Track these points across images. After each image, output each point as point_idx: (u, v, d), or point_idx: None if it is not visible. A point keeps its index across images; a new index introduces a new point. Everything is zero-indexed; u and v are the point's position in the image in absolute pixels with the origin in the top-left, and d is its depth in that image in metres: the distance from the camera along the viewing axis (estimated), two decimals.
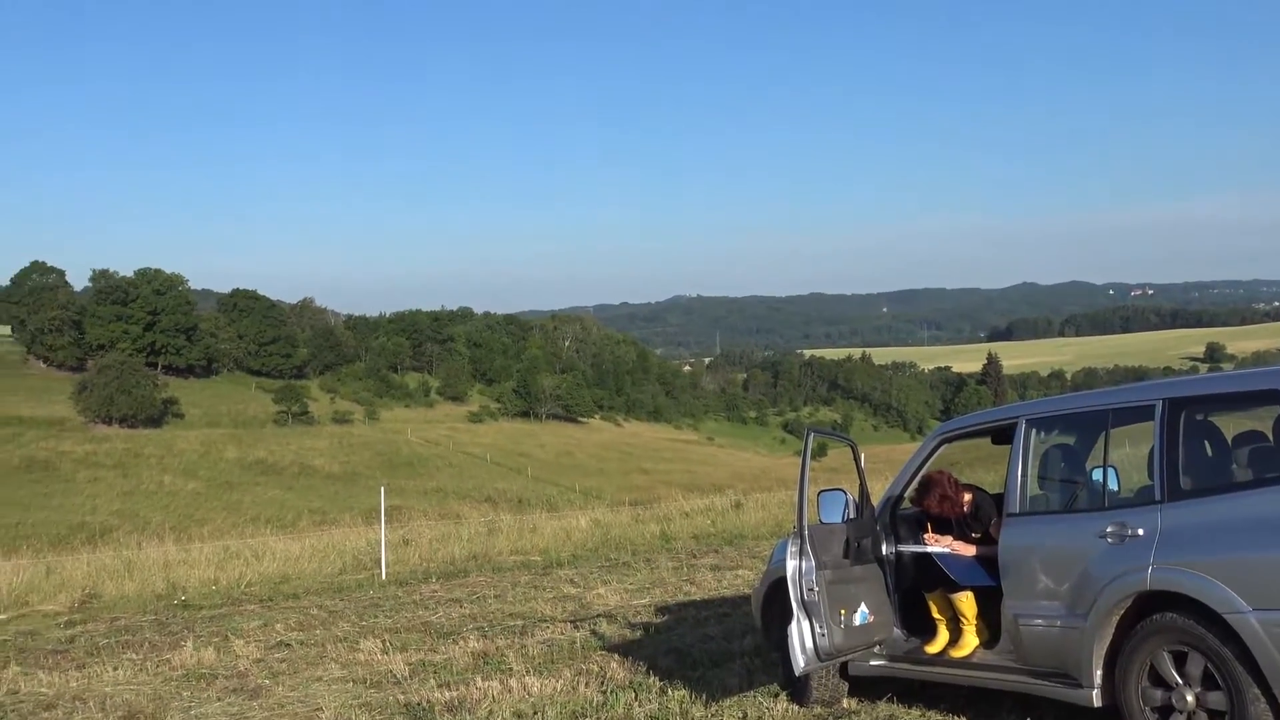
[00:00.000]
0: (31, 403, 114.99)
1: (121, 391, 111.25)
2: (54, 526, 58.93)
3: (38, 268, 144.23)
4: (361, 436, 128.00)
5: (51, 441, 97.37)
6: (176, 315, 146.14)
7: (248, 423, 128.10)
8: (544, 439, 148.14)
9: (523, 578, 15.17)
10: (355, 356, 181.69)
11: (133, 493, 78.57)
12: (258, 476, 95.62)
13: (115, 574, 16.66)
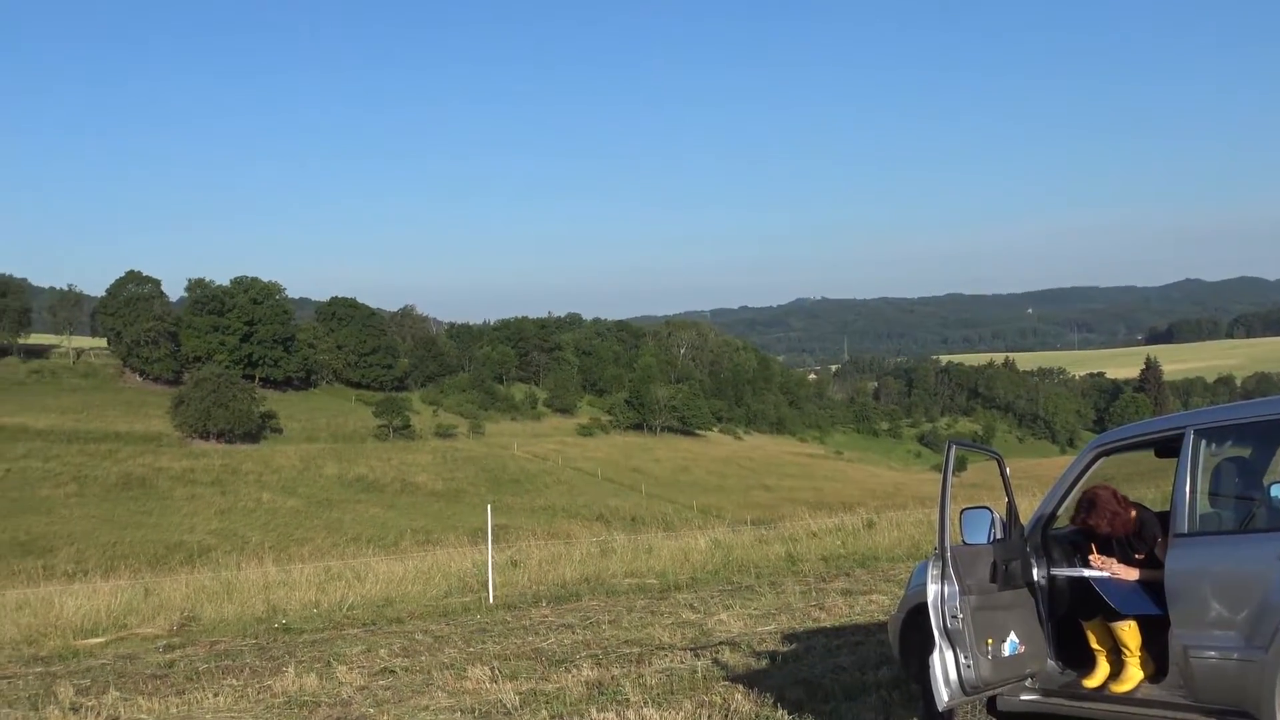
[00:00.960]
0: (128, 417, 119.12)
1: (218, 405, 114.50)
2: (151, 546, 60.95)
3: (133, 277, 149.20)
4: (465, 451, 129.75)
5: (148, 458, 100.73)
6: (274, 325, 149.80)
7: (347, 437, 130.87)
8: (659, 453, 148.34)
9: (638, 602, 15.19)
10: (458, 367, 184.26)
11: (230, 510, 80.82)
12: (358, 494, 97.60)
13: (214, 596, 17.13)
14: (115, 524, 70.52)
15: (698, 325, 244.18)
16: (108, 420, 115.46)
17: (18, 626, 15.20)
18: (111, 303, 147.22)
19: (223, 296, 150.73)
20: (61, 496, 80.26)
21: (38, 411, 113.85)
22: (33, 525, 66.94)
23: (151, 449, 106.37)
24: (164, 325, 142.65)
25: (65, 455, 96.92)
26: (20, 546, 60.05)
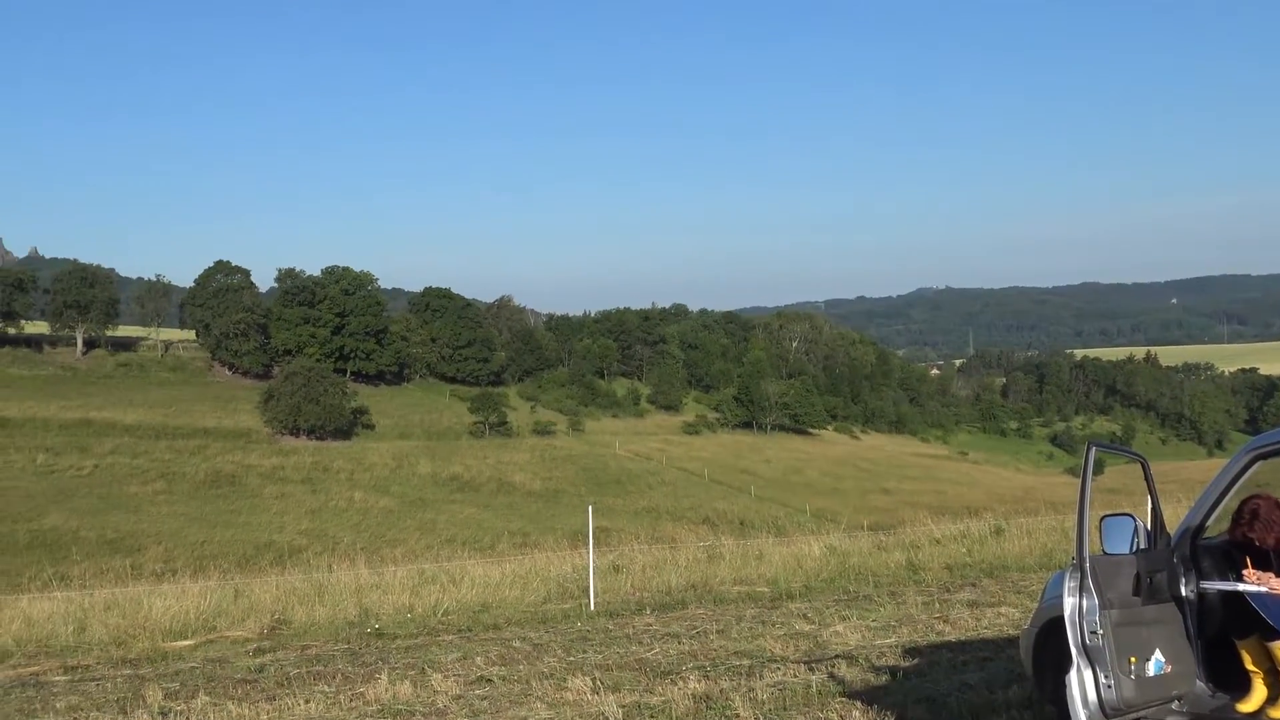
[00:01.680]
0: (217, 413, 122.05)
1: (309, 400, 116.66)
2: (240, 546, 62.36)
3: (222, 267, 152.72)
4: (565, 450, 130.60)
5: (237, 455, 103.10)
6: (366, 317, 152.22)
7: (441, 434, 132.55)
8: (769, 453, 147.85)
9: (748, 611, 15.15)
10: (557, 361, 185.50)
11: (321, 510, 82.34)
12: (453, 493, 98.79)
13: (305, 598, 17.45)
14: (204, 522, 72.30)
15: (811, 317, 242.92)
16: (196, 415, 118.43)
17: (106, 627, 15.65)
18: (200, 294, 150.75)
19: (313, 287, 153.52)
20: (149, 494, 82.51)
21: (125, 406, 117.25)
22: (121, 523, 68.91)
23: (240, 446, 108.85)
24: (253, 317, 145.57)
25: (153, 451, 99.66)
26: (108, 545, 61.85)
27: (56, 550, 59.14)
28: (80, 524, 66.93)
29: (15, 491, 76.54)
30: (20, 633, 15.33)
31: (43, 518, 67.68)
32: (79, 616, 16.23)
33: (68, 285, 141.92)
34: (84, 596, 18.17)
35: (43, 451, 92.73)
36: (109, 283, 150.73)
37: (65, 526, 65.85)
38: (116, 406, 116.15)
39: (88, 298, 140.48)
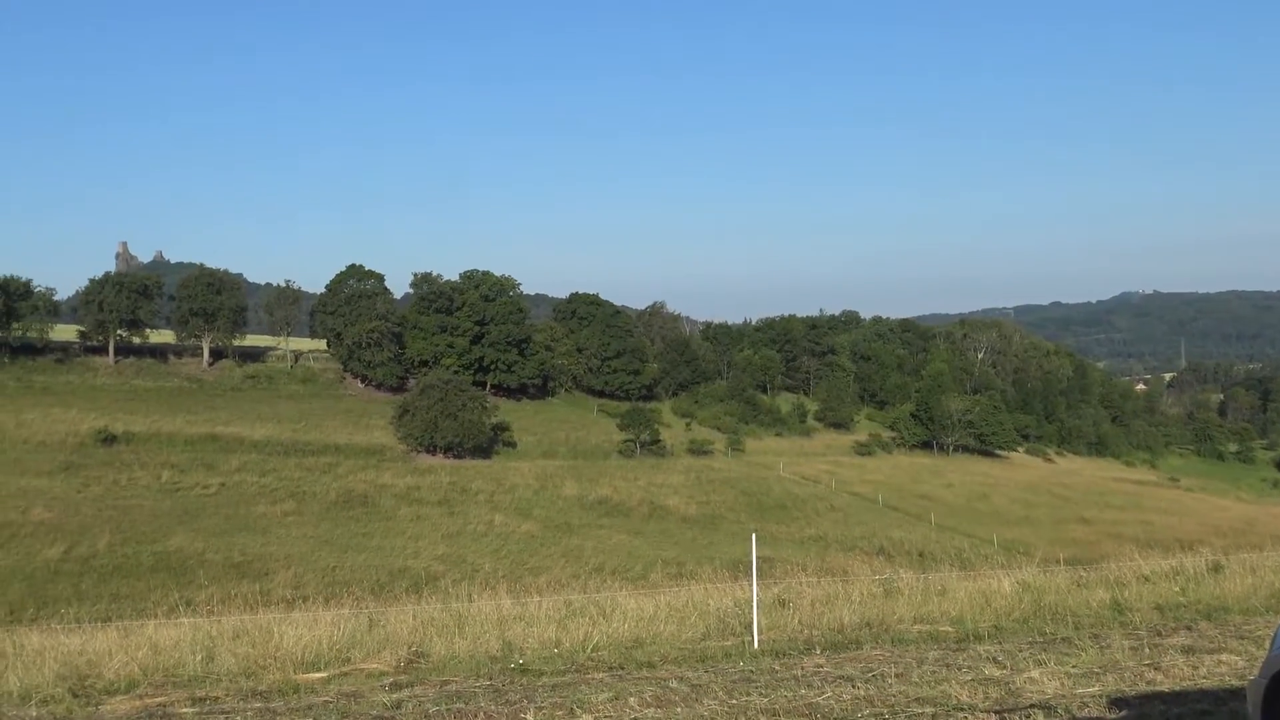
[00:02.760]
0: (349, 428, 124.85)
1: (446, 416, 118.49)
2: (374, 571, 63.58)
3: (354, 272, 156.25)
4: (723, 471, 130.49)
5: (370, 473, 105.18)
6: (507, 325, 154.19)
7: (589, 453, 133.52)
8: (951, 477, 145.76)
9: (930, 653, 14.95)
10: (715, 373, 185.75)
11: (459, 534, 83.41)
12: (601, 518, 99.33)
13: (444, 629, 17.71)
14: (335, 546, 73.88)
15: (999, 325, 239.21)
16: (327, 431, 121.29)
17: (235, 657, 16.08)
18: (331, 300, 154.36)
19: (451, 293, 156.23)
20: (278, 515, 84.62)
21: (253, 421, 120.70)
22: (248, 545, 70.81)
23: (373, 464, 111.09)
24: (387, 325, 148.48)
25: (282, 469, 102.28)
26: (235, 569, 63.58)
27: (182, 574, 61.07)
28: (206, 546, 68.97)
29: (139, 511, 79.31)
30: (147, 661, 15.84)
31: (168, 539, 69.89)
32: (207, 645, 16.71)
33: (193, 292, 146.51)
34: (211, 623, 18.71)
35: (167, 468, 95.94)
36: (236, 289, 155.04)
37: (191, 548, 67.90)
38: (244, 421, 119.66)
39: (214, 305, 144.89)
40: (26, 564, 60.97)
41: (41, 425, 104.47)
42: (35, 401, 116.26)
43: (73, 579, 58.70)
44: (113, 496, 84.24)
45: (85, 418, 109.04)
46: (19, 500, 76.79)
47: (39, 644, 17.58)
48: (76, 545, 65.49)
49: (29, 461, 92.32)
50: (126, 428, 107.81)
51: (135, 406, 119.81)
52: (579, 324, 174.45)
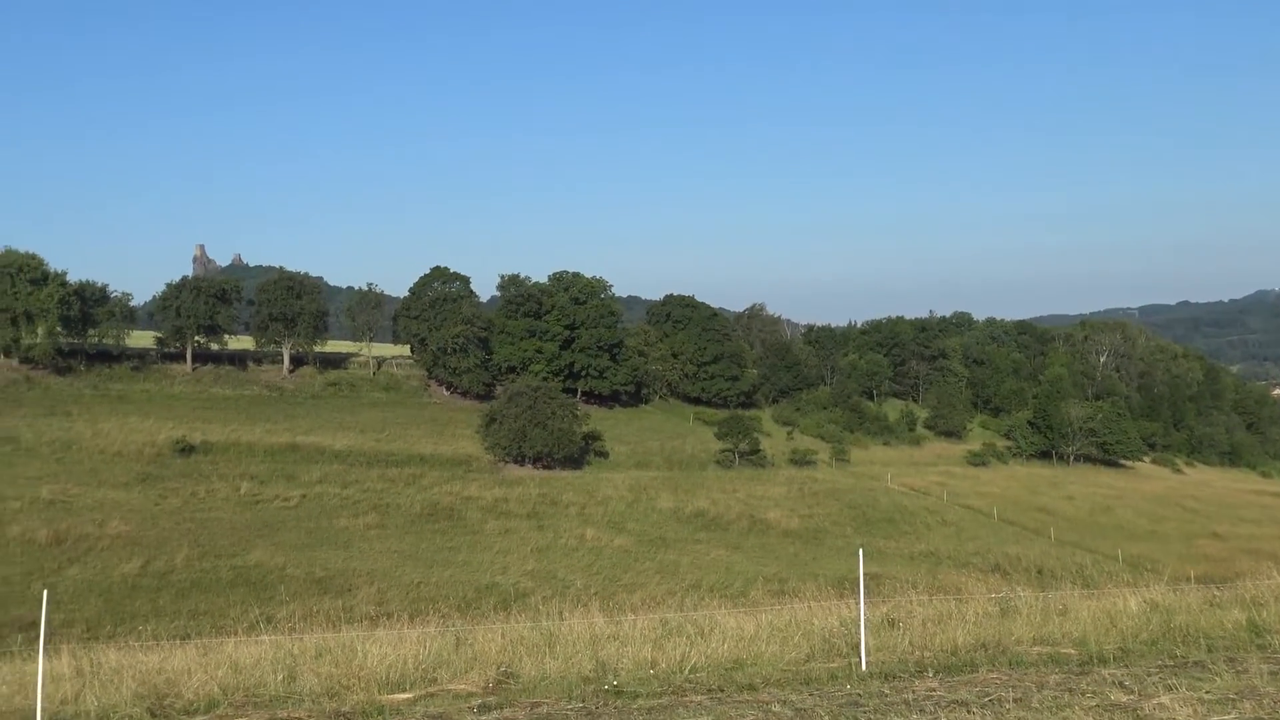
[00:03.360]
0: (433, 438, 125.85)
1: (535, 424, 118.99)
2: (460, 587, 64.10)
3: (439, 274, 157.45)
4: (827, 483, 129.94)
5: (456, 485, 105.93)
6: (599, 329, 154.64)
7: (685, 463, 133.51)
8: (1072, 488, 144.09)
9: (1051, 676, 14.78)
10: (818, 379, 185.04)
11: (549, 549, 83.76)
12: (697, 532, 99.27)
13: (534, 649, 17.79)
14: (420, 561, 74.51)
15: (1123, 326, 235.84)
16: (411, 441, 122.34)
17: (318, 676, 16.27)
18: (415, 304, 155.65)
19: (540, 296, 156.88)
20: (361, 528, 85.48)
21: (335, 430, 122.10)
22: (330, 560, 71.61)
23: (459, 475, 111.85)
24: (473, 330, 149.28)
25: (365, 481, 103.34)
26: (317, 584, 64.35)
27: (262, 589, 61.95)
28: (287, 560, 69.87)
29: (218, 524, 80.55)
30: (227, 680, 16.08)
31: (247, 553, 70.90)
32: (288, 663, 16.92)
33: (273, 296, 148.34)
34: (293, 641, 18.94)
35: (247, 480, 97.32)
36: (317, 293, 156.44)
37: (271, 563, 68.81)
38: (325, 430, 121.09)
39: (294, 310, 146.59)
40: (103, 578, 62.15)
41: (118, 435, 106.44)
42: (112, 410, 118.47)
43: (150, 594, 59.75)
44: (191, 509, 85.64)
45: (162, 427, 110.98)
46: (96, 513, 78.28)
47: (116, 662, 17.91)
48: (154, 559, 66.66)
49: (106, 472, 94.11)
50: (205, 437, 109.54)
51: (213, 415, 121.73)
52: (674, 327, 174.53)
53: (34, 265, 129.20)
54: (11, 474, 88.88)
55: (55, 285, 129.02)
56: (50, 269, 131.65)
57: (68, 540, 69.11)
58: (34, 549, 66.77)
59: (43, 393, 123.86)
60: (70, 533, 70.52)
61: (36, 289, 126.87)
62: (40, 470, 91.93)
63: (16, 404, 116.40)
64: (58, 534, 69.61)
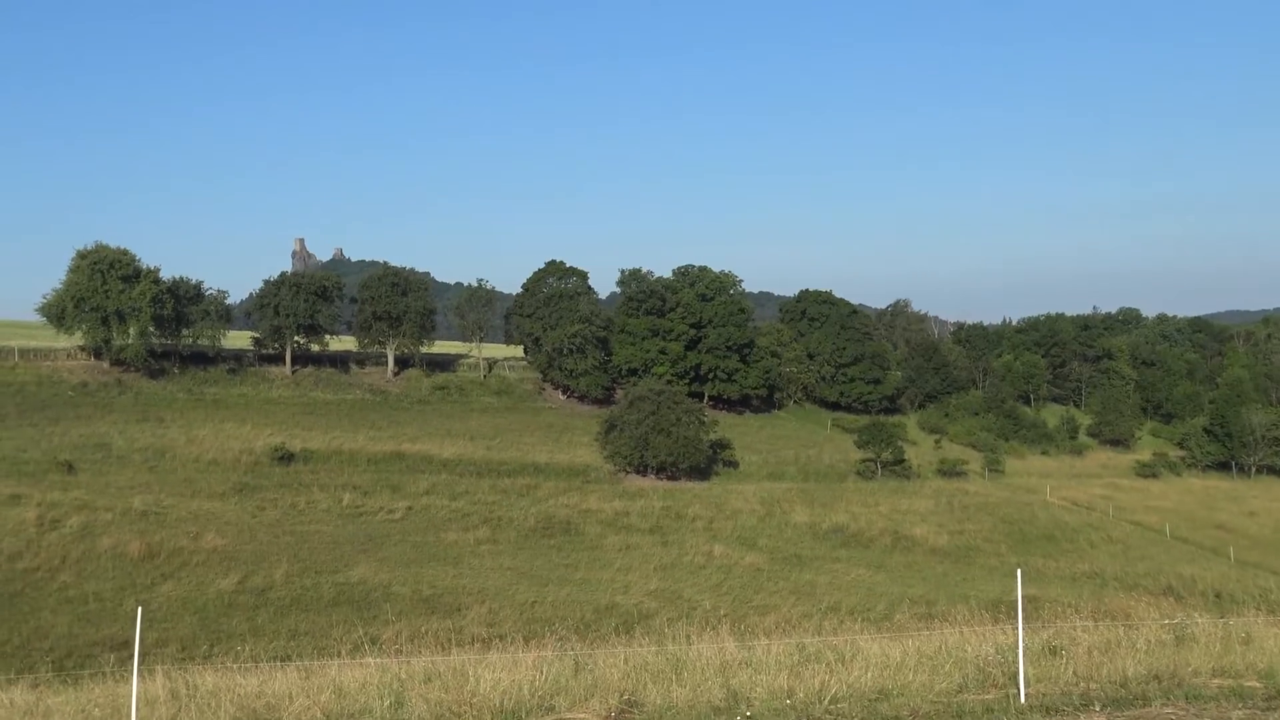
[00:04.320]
0: (549, 445, 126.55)
1: (659, 431, 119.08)
2: (579, 608, 64.32)
3: (554, 269, 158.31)
4: (979, 496, 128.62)
5: (573, 496, 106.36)
6: (728, 328, 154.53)
7: (822, 474, 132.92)
8: (1254, 503, 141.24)
9: (1234, 712, 14.54)
10: (969, 382, 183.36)
11: (674, 566, 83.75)
12: (836, 549, 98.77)
13: (659, 675, 17.80)
14: (534, 579, 74.84)
15: None
16: (525, 449, 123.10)
17: (427, 702, 16.43)
18: (528, 301, 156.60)
19: (663, 292, 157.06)
20: (471, 543, 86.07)
21: (443, 437, 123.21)
22: (438, 577, 72.17)
23: (577, 486, 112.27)
24: (592, 329, 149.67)
25: (475, 492, 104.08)
26: (424, 603, 64.91)
27: (366, 608, 62.63)
28: (392, 577, 70.57)
29: (319, 537, 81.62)
30: (330, 705, 16.30)
31: (350, 569, 71.69)
32: (395, 688, 17.11)
33: (377, 294, 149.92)
34: (400, 664, 19.14)
35: (349, 490, 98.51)
36: (423, 290, 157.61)
37: (375, 580, 69.54)
38: (433, 437, 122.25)
39: (399, 308, 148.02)
40: (198, 595, 63.25)
41: (213, 442, 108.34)
42: (207, 416, 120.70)
43: (248, 612, 60.70)
44: (290, 521, 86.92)
45: (260, 434, 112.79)
46: (190, 525, 79.71)
47: (214, 684, 18.24)
48: (251, 575, 67.70)
49: (200, 482, 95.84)
50: (305, 445, 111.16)
51: (314, 421, 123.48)
52: (810, 325, 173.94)
53: (126, 261, 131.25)
54: (102, 483, 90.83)
55: (148, 283, 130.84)
56: (143, 265, 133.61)
57: (161, 554, 70.39)
58: (125, 563, 68.11)
59: (135, 397, 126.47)
60: (163, 546, 71.82)
61: (128, 287, 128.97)
62: (132, 479, 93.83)
63: (107, 409, 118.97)
64: (150, 547, 70.88)
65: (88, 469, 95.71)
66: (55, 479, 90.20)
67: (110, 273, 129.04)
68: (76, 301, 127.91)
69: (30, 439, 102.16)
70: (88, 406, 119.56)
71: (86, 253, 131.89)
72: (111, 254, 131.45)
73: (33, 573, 62.56)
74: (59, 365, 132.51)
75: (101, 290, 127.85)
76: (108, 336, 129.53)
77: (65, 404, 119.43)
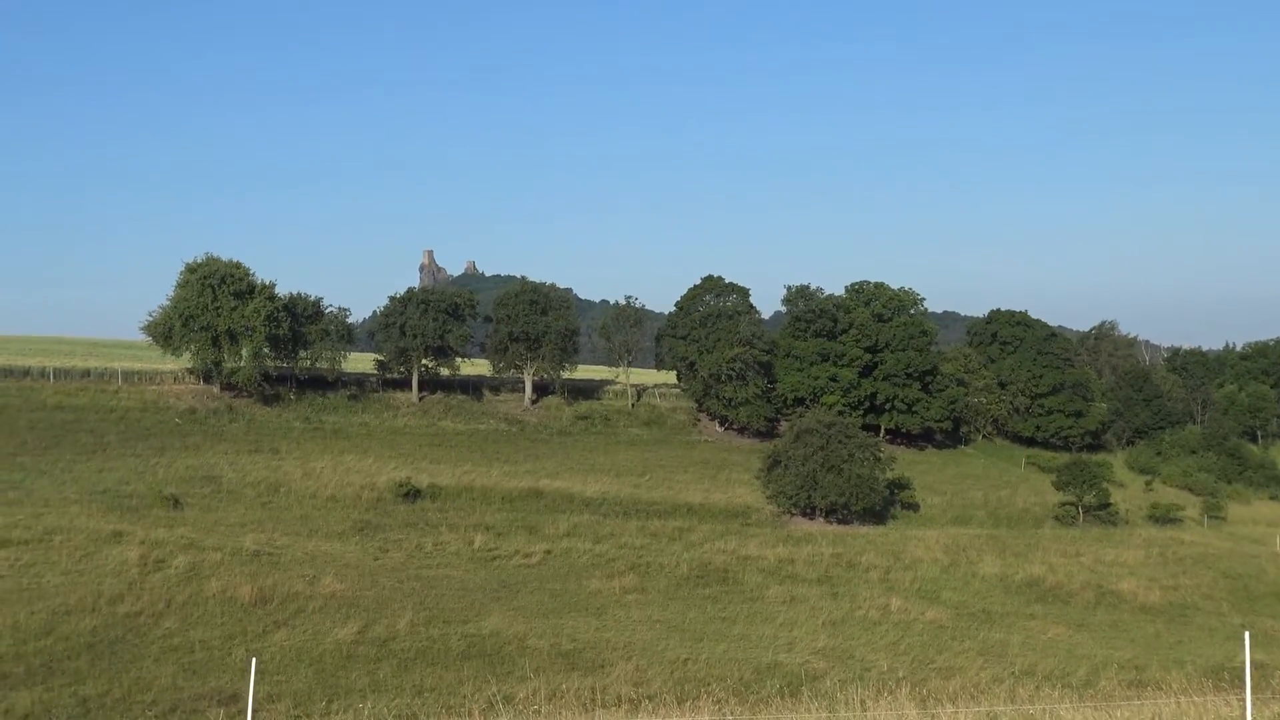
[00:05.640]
0: (704, 483, 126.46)
1: (829, 469, 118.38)
2: (737, 666, 64.01)
3: (711, 285, 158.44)
4: (1197, 546, 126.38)
5: (731, 541, 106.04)
6: (908, 352, 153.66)
7: (1015, 519, 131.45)
8: None
9: None
10: (1185, 416, 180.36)
11: (845, 621, 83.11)
12: (1030, 604, 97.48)
13: None
14: (687, 633, 74.63)
15: None
16: (677, 486, 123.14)
17: None
18: (682, 321, 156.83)
19: (835, 311, 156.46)
20: (616, 591, 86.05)
21: (586, 473, 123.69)
22: (579, 629, 72.23)
23: (735, 529, 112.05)
24: (754, 353, 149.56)
25: (621, 534, 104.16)
26: (564, 658, 64.95)
27: (499, 662, 62.80)
28: (528, 628, 70.75)
29: (448, 583, 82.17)
30: None
31: (481, 619, 71.98)
32: None
33: (513, 312, 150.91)
34: None
35: (481, 531, 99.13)
36: (566, 308, 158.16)
37: (509, 631, 69.73)
38: (574, 473, 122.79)
39: (539, 328, 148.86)
40: (314, 645, 63.90)
41: (332, 476, 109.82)
42: (325, 447, 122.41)
43: (369, 665, 61.24)
44: (415, 565, 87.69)
45: (384, 467, 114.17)
46: (306, 568, 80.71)
47: None
48: (373, 624, 68.29)
49: (318, 520, 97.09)
50: (433, 480, 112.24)
51: (443, 454, 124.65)
52: (1001, 350, 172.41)
53: (238, 275, 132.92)
54: (211, 520, 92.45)
55: (262, 299, 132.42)
56: (257, 280, 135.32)
57: (274, 599, 71.25)
58: (235, 608, 69.04)
59: (247, 425, 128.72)
60: (277, 590, 72.71)
61: (241, 303, 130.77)
62: (243, 516, 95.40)
63: (217, 437, 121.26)
64: (262, 591, 71.77)
65: (195, 504, 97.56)
66: (160, 515, 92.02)
67: (221, 288, 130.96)
68: (185, 320, 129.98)
69: (134, 470, 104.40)
70: (196, 435, 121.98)
71: (196, 266, 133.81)
72: (223, 267, 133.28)
73: (134, 618, 63.57)
74: (165, 390, 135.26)
75: (212, 307, 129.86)
76: (218, 358, 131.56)
77: (171, 432, 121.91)
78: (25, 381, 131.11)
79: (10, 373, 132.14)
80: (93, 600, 64.91)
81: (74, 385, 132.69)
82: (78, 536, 79.54)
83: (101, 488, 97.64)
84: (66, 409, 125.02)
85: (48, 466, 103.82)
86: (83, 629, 59.40)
